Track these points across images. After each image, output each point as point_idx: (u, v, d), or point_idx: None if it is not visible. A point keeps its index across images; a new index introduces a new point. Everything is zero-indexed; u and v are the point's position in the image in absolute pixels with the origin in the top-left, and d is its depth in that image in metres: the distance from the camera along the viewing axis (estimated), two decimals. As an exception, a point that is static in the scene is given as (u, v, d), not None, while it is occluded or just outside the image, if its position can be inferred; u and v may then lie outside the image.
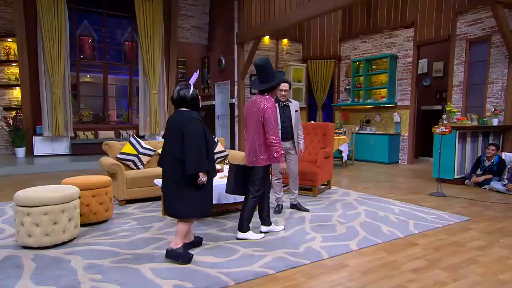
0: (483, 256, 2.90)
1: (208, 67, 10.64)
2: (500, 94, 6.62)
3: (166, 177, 2.72)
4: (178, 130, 2.59)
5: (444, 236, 3.37)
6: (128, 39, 10.68)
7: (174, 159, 2.62)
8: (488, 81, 6.78)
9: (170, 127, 2.68)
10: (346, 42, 9.94)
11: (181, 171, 2.59)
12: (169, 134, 2.68)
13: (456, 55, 7.31)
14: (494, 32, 6.59)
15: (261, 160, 3.15)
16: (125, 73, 10.78)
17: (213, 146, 2.75)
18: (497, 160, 5.61)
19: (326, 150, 5.20)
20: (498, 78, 6.64)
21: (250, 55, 8.89)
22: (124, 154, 4.74)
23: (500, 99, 6.61)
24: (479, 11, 6.90)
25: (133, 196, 4.45)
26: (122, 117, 11.02)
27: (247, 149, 3.24)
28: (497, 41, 6.58)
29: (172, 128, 2.65)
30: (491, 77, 6.73)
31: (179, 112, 2.69)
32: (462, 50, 7.20)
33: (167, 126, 2.73)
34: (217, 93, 10.37)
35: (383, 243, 3.17)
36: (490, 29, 6.70)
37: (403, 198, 4.93)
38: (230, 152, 5.72)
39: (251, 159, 3.19)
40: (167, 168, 2.71)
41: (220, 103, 10.32)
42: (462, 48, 7.19)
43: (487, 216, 4.06)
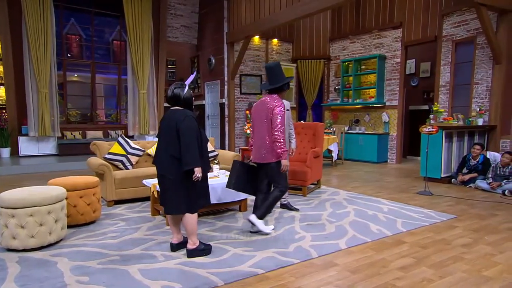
0: (468, 253, 2.95)
1: (198, 67, 10.59)
2: (485, 94, 6.75)
3: (161, 174, 2.74)
4: (173, 128, 2.62)
5: (431, 234, 3.42)
6: (117, 38, 10.55)
7: (169, 157, 2.66)
8: (474, 82, 6.91)
9: (165, 126, 2.71)
10: (335, 42, 10.01)
11: (177, 169, 2.63)
12: (164, 133, 2.71)
13: (443, 56, 7.43)
14: (478, 34, 6.73)
15: (271, 156, 3.27)
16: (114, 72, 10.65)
17: (206, 144, 2.81)
18: (482, 159, 5.73)
19: (316, 150, 5.23)
20: (483, 78, 6.77)
21: (240, 55, 8.88)
22: (112, 154, 4.68)
23: (485, 99, 6.74)
24: (464, 13, 7.03)
25: (122, 197, 4.40)
26: (110, 116, 10.88)
27: (255, 147, 3.37)
28: (481, 43, 6.72)
29: (167, 126, 2.68)
30: (476, 77, 6.87)
31: (173, 111, 2.73)
32: (448, 51, 7.33)
33: (161, 125, 2.76)
34: (207, 92, 10.33)
35: (372, 241, 3.21)
36: (475, 30, 6.83)
37: (392, 197, 4.99)
38: (220, 152, 5.70)
39: (261, 156, 3.30)
40: (162, 166, 2.72)
41: (210, 103, 10.28)
42: (448, 49, 7.32)
43: (473, 214, 4.14)
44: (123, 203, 4.49)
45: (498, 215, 4.09)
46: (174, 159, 2.64)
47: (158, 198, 3.89)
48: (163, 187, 2.76)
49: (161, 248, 2.99)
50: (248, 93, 9.74)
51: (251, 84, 9.77)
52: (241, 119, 9.60)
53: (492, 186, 5.32)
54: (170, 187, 2.70)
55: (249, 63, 9.73)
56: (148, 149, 5.07)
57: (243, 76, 9.63)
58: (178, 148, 2.62)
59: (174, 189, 2.69)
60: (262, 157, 3.30)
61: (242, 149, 6.42)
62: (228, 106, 9.34)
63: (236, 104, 9.52)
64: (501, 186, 5.23)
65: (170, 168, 2.67)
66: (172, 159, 2.65)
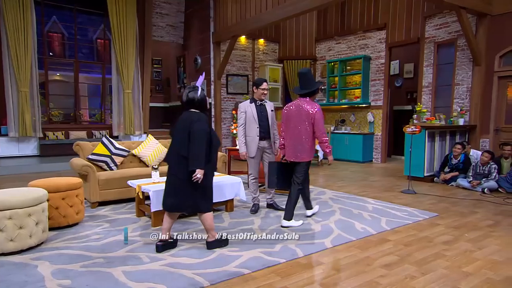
0: (449, 250, 3.03)
1: (184, 66, 10.51)
2: (465, 95, 6.93)
3: (171, 173, 2.87)
4: (186, 130, 2.75)
5: (414, 232, 3.49)
6: (101, 36, 10.38)
7: (179, 157, 2.78)
8: (455, 83, 7.09)
9: (180, 126, 2.82)
10: (321, 43, 10.09)
11: (186, 168, 2.74)
12: (177, 133, 2.84)
13: (425, 57, 7.59)
14: (459, 36, 6.90)
15: (306, 156, 3.56)
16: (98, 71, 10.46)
17: (217, 147, 2.92)
18: (463, 158, 5.87)
19: (302, 150, 5.25)
20: (463, 80, 6.95)
21: (227, 55, 8.86)
22: (96, 155, 4.60)
23: (466, 100, 6.92)
24: (445, 15, 7.20)
25: (106, 198, 4.33)
26: (95, 116, 10.68)
27: (289, 146, 3.63)
28: (462, 45, 6.90)
29: (181, 127, 2.80)
30: (457, 79, 7.05)
31: (188, 113, 2.87)
32: (430, 53, 7.49)
33: (176, 126, 2.88)
34: (193, 92, 10.25)
35: (357, 240, 3.25)
36: (455, 33, 7.00)
37: (377, 196, 5.07)
38: (206, 152, 5.67)
39: (297, 155, 3.57)
40: (172, 165, 2.86)
41: (196, 103, 10.20)
42: (431, 50, 7.48)
43: (454, 211, 4.25)
44: (107, 204, 4.41)
45: (478, 213, 4.20)
46: (184, 160, 2.74)
47: (143, 199, 3.85)
48: (174, 186, 2.85)
49: (147, 250, 2.96)
50: (235, 93, 9.72)
51: (237, 84, 9.75)
52: (227, 119, 9.58)
53: (472, 184, 5.46)
54: (181, 186, 2.81)
55: (236, 63, 9.71)
56: (133, 150, 5.00)
57: (230, 76, 9.60)
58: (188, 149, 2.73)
59: (184, 188, 2.81)
60: (297, 156, 3.57)
61: (228, 149, 6.39)
62: (215, 106, 9.30)
63: (222, 104, 9.49)
64: (481, 185, 5.37)
65: (180, 168, 2.78)
66: (182, 160, 2.75)
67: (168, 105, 11.48)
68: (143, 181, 3.93)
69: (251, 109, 4.02)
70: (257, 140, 4.01)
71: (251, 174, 4.19)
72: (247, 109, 4.03)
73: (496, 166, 5.46)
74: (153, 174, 3.90)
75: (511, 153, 5.64)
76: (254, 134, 4.01)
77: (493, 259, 2.84)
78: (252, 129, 4.00)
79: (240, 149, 4.04)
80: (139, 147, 5.04)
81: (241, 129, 4.02)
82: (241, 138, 4.03)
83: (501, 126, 6.53)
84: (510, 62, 6.34)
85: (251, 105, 4.04)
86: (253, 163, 4.12)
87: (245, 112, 4.03)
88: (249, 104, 4.05)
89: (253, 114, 4.00)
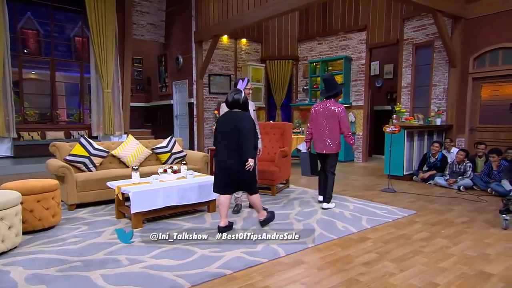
0: (427, 246, 3.11)
1: (165, 66, 10.38)
2: (442, 95, 7.15)
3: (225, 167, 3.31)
4: (236, 128, 3.22)
5: (393, 229, 3.57)
6: (78, 34, 10.10)
7: (233, 151, 3.24)
8: (432, 84, 7.30)
9: (229, 127, 3.28)
10: (303, 43, 10.18)
11: (239, 160, 3.22)
12: (227, 131, 3.29)
13: (404, 58, 7.78)
14: (436, 38, 7.11)
15: (335, 149, 4.26)
16: (76, 70, 10.18)
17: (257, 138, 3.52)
18: (440, 157, 6.05)
19: (284, 149, 5.29)
20: (440, 81, 7.17)
21: (209, 54, 8.81)
22: (73, 155, 4.49)
23: (442, 100, 7.14)
24: (423, 18, 7.40)
25: (84, 200, 4.24)
26: (73, 116, 10.39)
27: (318, 141, 4.27)
28: (438, 47, 7.10)
29: (231, 126, 3.27)
30: (435, 79, 7.26)
31: (234, 113, 3.34)
32: (409, 54, 7.68)
33: (223, 123, 3.35)
34: (175, 92, 10.16)
35: (338, 238, 3.30)
36: (432, 35, 7.21)
37: (357, 194, 5.16)
38: (188, 152, 5.63)
39: (326, 148, 4.24)
40: (225, 158, 3.30)
41: (178, 103, 10.12)
42: (409, 52, 7.67)
43: (431, 209, 4.37)
44: (85, 206, 4.31)
45: (454, 210, 4.34)
46: (237, 153, 3.23)
47: (123, 201, 3.79)
48: (228, 173, 3.31)
49: (126, 252, 2.91)
50: (217, 92, 9.68)
51: (220, 83, 9.72)
52: (210, 119, 9.52)
53: (449, 182, 5.64)
54: (235, 173, 3.28)
55: (218, 62, 9.67)
56: (113, 150, 4.91)
57: (212, 76, 9.55)
58: (238, 143, 3.22)
59: (238, 175, 3.29)
60: (327, 149, 4.26)
61: (211, 149, 6.36)
62: (197, 106, 9.24)
63: (204, 104, 9.43)
64: (457, 183, 5.55)
65: (234, 160, 3.25)
66: (235, 153, 3.24)
67: (149, 105, 11.32)
68: (123, 182, 3.87)
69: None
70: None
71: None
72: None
73: (471, 165, 5.66)
74: (133, 175, 3.84)
75: (484, 152, 5.85)
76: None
77: (467, 255, 2.94)
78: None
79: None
80: (119, 148, 4.95)
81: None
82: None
83: (475, 126, 6.76)
84: (484, 64, 6.58)
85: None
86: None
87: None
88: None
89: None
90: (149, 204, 3.57)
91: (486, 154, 5.80)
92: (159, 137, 6.40)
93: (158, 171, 3.99)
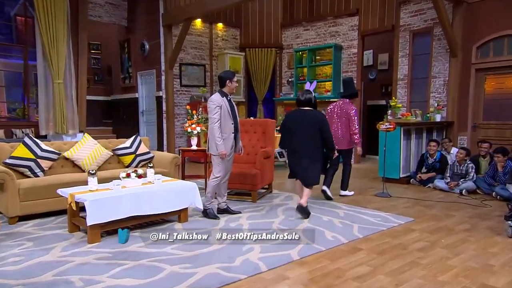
0: (425, 257, 3.18)
1: (128, 53, 10.21)
2: (442, 88, 7.35)
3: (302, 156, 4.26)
4: (315, 124, 4.22)
5: (388, 239, 3.63)
6: (20, 12, 9.73)
7: (312, 145, 4.23)
8: (431, 75, 7.48)
9: (308, 122, 4.23)
10: (288, 30, 10.24)
11: (316, 153, 4.29)
12: (304, 126, 4.23)
13: (400, 47, 7.95)
14: (435, 24, 7.29)
15: (351, 144, 5.32)
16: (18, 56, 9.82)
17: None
18: (439, 157, 6.20)
19: (266, 150, 5.31)
20: (440, 72, 7.36)
21: (180, 40, 8.71)
22: (16, 158, 4.35)
23: (442, 94, 7.34)
24: (421, 1, 7.58)
25: (30, 211, 4.12)
26: (15, 112, 10.04)
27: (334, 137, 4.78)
28: (438, 34, 7.29)
29: (309, 123, 4.23)
30: (434, 71, 7.45)
31: (305, 111, 4.32)
32: (406, 42, 7.85)
33: (296, 118, 4.33)
34: (140, 84, 10.02)
35: (326, 250, 3.32)
36: (431, 20, 7.39)
37: (348, 200, 5.23)
38: (156, 154, 5.57)
39: (346, 144, 5.28)
40: (305, 152, 4.24)
41: (145, 96, 9.99)
42: (406, 39, 7.84)
43: (430, 215, 4.48)
44: (31, 219, 4.17)
45: (454, 216, 4.46)
46: (315, 147, 4.26)
47: (77, 211, 3.70)
48: (306, 166, 4.25)
49: (81, 271, 2.83)
50: (190, 85, 9.61)
51: (193, 75, 9.64)
52: (181, 115, 9.44)
53: (450, 186, 5.78)
54: (310, 167, 4.25)
55: (191, 50, 9.60)
56: (65, 152, 4.79)
57: (184, 66, 9.47)
58: (319, 139, 4.23)
59: (312, 168, 4.27)
60: (344, 145, 5.25)
61: (182, 150, 6.29)
62: (166, 100, 9.13)
63: (175, 98, 9.33)
64: (459, 186, 5.70)
65: (312, 153, 4.24)
66: (314, 147, 4.25)
67: (109, 98, 11.11)
68: (77, 189, 3.78)
69: (225, 104, 4.17)
70: (232, 138, 4.23)
71: (218, 176, 4.25)
72: (222, 104, 4.15)
73: (473, 166, 5.81)
74: (89, 181, 3.76)
75: (488, 151, 6.01)
76: (229, 131, 4.22)
77: (470, 266, 3.03)
78: (227, 126, 4.19)
79: (220, 147, 4.15)
80: (72, 149, 4.85)
81: (218, 125, 4.15)
82: (219, 135, 4.14)
83: (478, 123, 6.98)
84: (487, 53, 6.80)
85: (223, 99, 4.18)
86: (225, 163, 4.28)
87: (221, 106, 4.13)
88: (222, 98, 4.18)
89: (228, 109, 4.19)
90: (108, 214, 3.50)
91: (490, 154, 5.96)
92: (122, 136, 6.33)
93: (120, 175, 3.94)
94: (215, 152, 4.19)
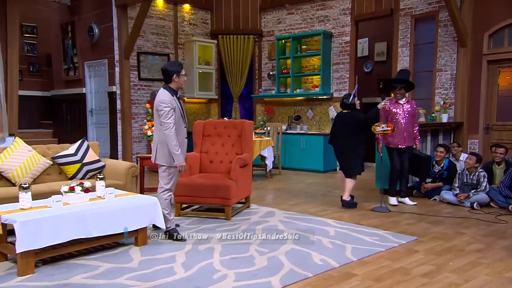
0: (430, 284, 3.21)
1: (73, 39, 10.04)
2: (449, 84, 7.50)
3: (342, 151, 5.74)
4: (356, 124, 5.57)
5: (387, 262, 3.65)
6: None
7: (353, 141, 5.57)
8: (437, 68, 7.64)
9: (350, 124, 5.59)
10: (268, 13, 10.29)
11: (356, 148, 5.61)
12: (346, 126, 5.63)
13: (401, 35, 8.09)
14: (441, 8, 7.45)
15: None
16: None
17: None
18: (447, 164, 6.29)
19: (243, 157, 5.28)
20: (447, 64, 7.52)
21: (137, 24, 8.59)
22: None
23: (450, 90, 7.49)
24: (424, -19, 7.74)
25: None
26: None
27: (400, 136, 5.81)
28: (444, 19, 7.45)
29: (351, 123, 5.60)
30: (440, 63, 7.61)
31: (347, 113, 5.70)
32: (407, 29, 7.99)
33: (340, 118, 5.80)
34: (88, 77, 9.90)
35: (314, 276, 3.31)
36: (437, 4, 7.55)
37: (340, 216, 5.25)
38: (108, 162, 5.48)
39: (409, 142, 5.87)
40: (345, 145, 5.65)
41: (94, 92, 9.87)
42: (407, 26, 7.98)
43: (436, 233, 4.54)
44: None
45: (464, 234, 4.53)
46: (357, 143, 5.58)
47: (4, 235, 3.59)
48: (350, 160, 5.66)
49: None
50: (151, 78, 9.52)
51: (154, 66, 9.57)
52: (140, 115, 9.33)
53: (459, 198, 5.85)
54: (351, 159, 5.62)
55: (151, 36, 9.53)
56: (-8, 160, 4.64)
57: (143, 55, 9.40)
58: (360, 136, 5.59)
59: (354, 161, 5.62)
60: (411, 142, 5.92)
61: (141, 157, 6.20)
62: (121, 96, 9.01)
63: (132, 94, 9.22)
64: (469, 198, 5.79)
65: (353, 148, 5.58)
66: (356, 143, 5.58)
67: (49, 94, 10.90)
68: (5, 208, 3.67)
69: (177, 104, 4.19)
70: (186, 144, 4.29)
71: (168, 189, 4.27)
72: (175, 104, 4.16)
73: (485, 174, 5.90)
74: (21, 197, 3.64)
75: (504, 157, 6.11)
76: (183, 137, 4.25)
77: (482, 293, 3.06)
78: (181, 130, 4.23)
79: (179, 158, 4.13)
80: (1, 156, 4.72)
81: (174, 131, 4.09)
82: (176, 143, 4.08)
83: (492, 124, 7.14)
84: (501, 42, 6.98)
85: (174, 98, 4.18)
86: (176, 174, 4.31)
87: (174, 108, 4.14)
88: (173, 97, 4.17)
89: (181, 111, 4.24)
90: (45, 238, 3.39)
91: (506, 161, 6.09)
92: (65, 141, 6.25)
93: (62, 189, 3.87)
94: (169, 163, 4.17)
